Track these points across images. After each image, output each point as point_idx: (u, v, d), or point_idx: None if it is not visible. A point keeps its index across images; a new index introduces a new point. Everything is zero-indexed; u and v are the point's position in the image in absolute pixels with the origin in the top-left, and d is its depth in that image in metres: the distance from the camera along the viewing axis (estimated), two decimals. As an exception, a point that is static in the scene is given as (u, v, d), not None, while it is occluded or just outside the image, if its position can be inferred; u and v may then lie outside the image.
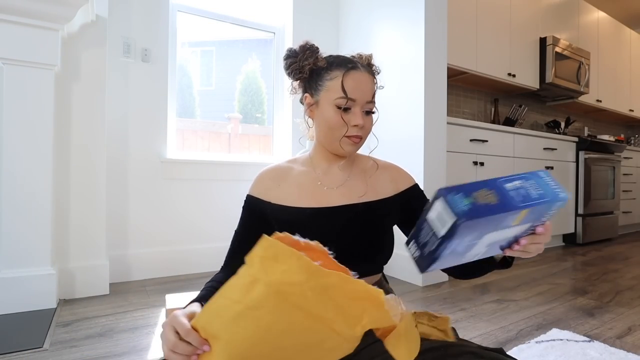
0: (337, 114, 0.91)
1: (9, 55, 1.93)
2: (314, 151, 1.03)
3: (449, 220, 0.52)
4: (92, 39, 2.28)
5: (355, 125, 0.91)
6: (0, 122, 1.94)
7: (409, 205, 0.99)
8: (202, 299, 0.83)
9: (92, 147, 2.28)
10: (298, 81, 1.00)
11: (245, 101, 3.32)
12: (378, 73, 1.00)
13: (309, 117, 1.00)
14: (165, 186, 2.74)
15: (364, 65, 0.95)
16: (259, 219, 1.00)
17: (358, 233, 0.91)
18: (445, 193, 0.54)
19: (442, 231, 0.54)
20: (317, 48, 0.98)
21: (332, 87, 0.92)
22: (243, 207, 1.03)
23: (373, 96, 0.94)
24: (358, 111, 0.91)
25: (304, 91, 1.00)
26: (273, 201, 0.98)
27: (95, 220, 2.30)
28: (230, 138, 3.18)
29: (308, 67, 0.96)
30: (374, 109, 0.95)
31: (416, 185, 1.02)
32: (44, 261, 2.02)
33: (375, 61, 1.01)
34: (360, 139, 0.94)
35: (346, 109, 0.91)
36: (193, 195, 2.84)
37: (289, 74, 0.99)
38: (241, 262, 0.99)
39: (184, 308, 0.76)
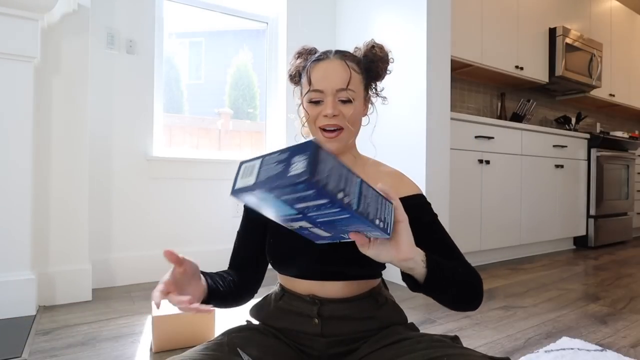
0: (308, 107, 0.95)
1: (-16, 46, 1.93)
2: None
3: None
4: (73, 29, 2.27)
5: (325, 115, 0.92)
6: (-25, 117, 1.94)
7: (407, 214, 0.98)
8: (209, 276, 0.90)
9: (73, 144, 2.27)
10: (298, 86, 1.05)
11: (237, 95, 3.32)
12: (376, 60, 1.01)
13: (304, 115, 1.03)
14: (151, 186, 2.73)
15: (338, 54, 0.96)
16: (256, 219, 1.02)
17: None
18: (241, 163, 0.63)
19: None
20: (311, 50, 1.03)
21: (304, 83, 0.97)
22: (244, 207, 1.05)
23: (348, 83, 0.93)
24: (329, 101, 0.92)
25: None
26: None
27: (77, 222, 2.29)
28: (221, 135, 3.18)
29: (295, 70, 1.02)
30: (351, 98, 0.93)
31: (421, 196, 1.01)
32: (22, 265, 2.01)
33: (382, 44, 1.04)
34: (337, 132, 0.94)
35: (318, 102, 0.94)
36: (181, 196, 2.84)
37: (290, 82, 1.06)
38: (243, 264, 1.00)
39: None
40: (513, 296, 2.46)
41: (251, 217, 1.03)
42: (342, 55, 0.97)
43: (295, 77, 1.04)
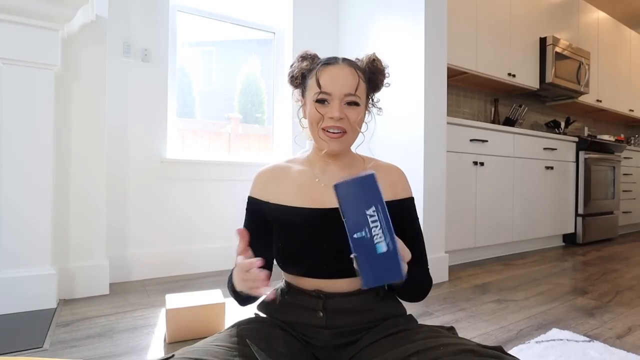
0: (315, 108, 0.93)
1: (9, 55, 1.93)
2: (312, 151, 1.06)
3: None
4: (92, 39, 2.28)
5: (331, 118, 0.92)
6: (0, 122, 1.94)
7: (399, 216, 0.97)
8: None
9: (92, 147, 2.28)
10: (298, 89, 1.03)
11: (245, 101, 3.32)
12: (377, 72, 1.00)
13: (303, 117, 1.03)
14: (165, 186, 2.74)
15: (347, 61, 0.96)
16: (261, 219, 1.00)
17: None
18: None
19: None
20: (314, 55, 1.01)
21: (312, 84, 0.95)
22: (246, 209, 1.04)
23: (356, 89, 0.93)
24: (336, 104, 0.92)
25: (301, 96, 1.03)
26: (272, 201, 0.99)
27: (96, 220, 2.30)
28: (230, 138, 3.18)
29: (299, 72, 1.00)
30: (358, 101, 0.94)
31: (412, 198, 1.02)
32: (44, 261, 2.02)
33: (381, 59, 1.02)
34: (341, 134, 0.94)
35: (323, 102, 0.93)
36: (193, 196, 2.84)
37: (290, 83, 1.04)
38: None
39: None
40: (506, 290, 2.45)
41: (258, 216, 1.01)
42: (350, 62, 0.96)
43: (296, 80, 1.01)
